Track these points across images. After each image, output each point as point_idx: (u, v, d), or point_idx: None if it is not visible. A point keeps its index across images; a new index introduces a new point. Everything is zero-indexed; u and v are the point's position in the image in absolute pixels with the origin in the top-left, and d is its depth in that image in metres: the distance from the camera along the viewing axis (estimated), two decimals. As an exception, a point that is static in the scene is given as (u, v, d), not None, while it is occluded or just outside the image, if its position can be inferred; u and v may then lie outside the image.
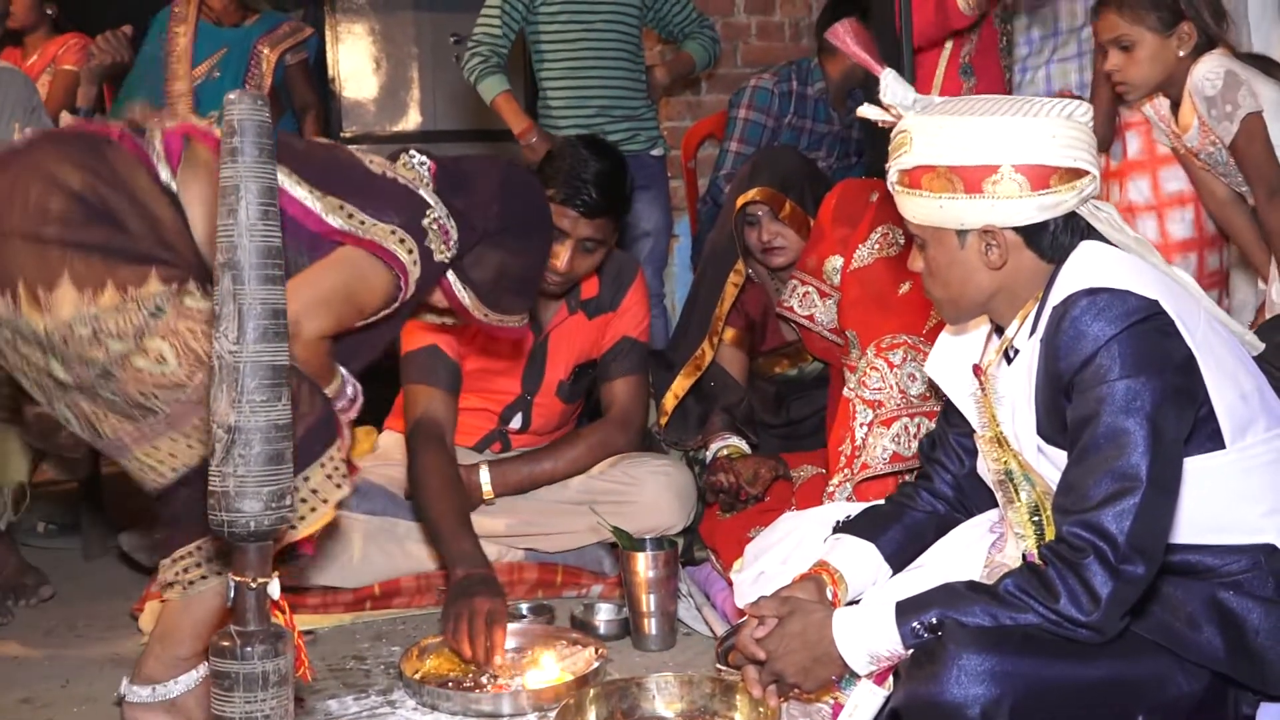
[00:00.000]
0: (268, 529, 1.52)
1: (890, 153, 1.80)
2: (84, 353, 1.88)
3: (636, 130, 3.96)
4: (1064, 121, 1.70)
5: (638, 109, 3.98)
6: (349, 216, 2.07)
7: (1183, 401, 1.64)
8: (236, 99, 1.53)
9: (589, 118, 3.88)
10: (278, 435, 1.53)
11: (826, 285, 2.82)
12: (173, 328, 1.87)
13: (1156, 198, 3.20)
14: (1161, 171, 3.19)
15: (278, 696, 1.54)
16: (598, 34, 3.87)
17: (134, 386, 1.90)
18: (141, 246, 1.93)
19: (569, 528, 2.82)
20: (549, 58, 3.90)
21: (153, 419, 1.92)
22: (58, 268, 1.88)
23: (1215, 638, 1.66)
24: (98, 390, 1.92)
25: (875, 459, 2.43)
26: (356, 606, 2.67)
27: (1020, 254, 1.74)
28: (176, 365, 1.87)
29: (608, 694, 2.02)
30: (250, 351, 1.51)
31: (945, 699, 1.58)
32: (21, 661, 2.49)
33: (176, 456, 1.93)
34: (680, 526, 2.83)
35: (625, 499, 2.80)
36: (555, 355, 2.92)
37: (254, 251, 1.51)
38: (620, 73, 3.92)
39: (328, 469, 1.96)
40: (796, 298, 2.87)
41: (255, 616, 1.54)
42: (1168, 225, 3.17)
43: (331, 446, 1.97)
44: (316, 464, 1.93)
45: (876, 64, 1.81)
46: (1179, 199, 3.17)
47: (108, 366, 1.89)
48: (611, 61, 3.91)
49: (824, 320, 2.83)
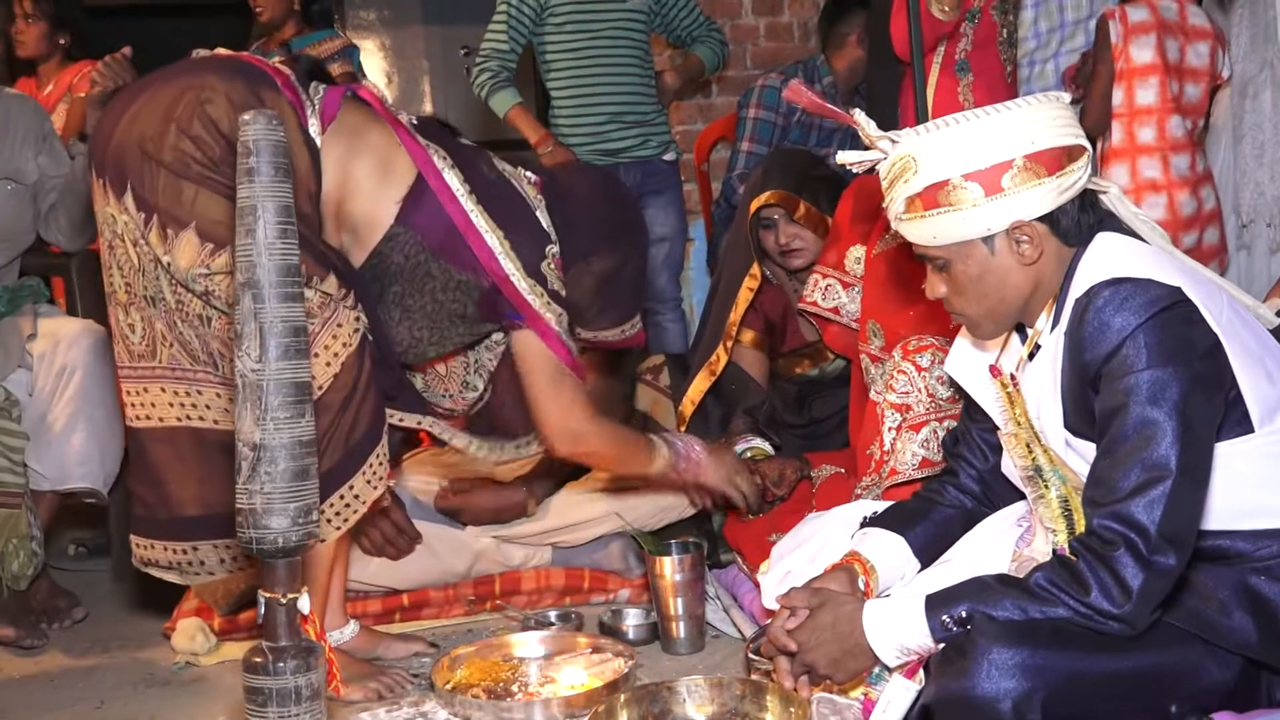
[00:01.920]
0: (295, 544, 1.53)
1: (889, 184, 1.77)
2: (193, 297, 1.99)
3: (648, 136, 3.97)
4: (1056, 104, 1.72)
5: (648, 115, 3.98)
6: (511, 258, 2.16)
7: (1210, 389, 1.63)
8: (252, 119, 1.54)
9: (600, 125, 3.89)
10: (302, 451, 1.54)
11: (850, 276, 2.81)
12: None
13: (1134, 183, 3.40)
14: (1140, 160, 3.38)
15: (311, 711, 1.55)
16: (606, 41, 3.88)
17: (219, 343, 2.00)
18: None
19: (591, 515, 2.81)
20: (557, 68, 3.90)
21: (209, 370, 2.02)
22: (189, 211, 1.97)
23: (1247, 624, 1.65)
24: (183, 323, 2.00)
25: (905, 464, 2.43)
26: (385, 618, 2.69)
27: (1049, 243, 1.74)
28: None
29: (638, 699, 2.02)
30: (273, 369, 1.52)
31: (977, 694, 1.57)
32: (57, 683, 2.51)
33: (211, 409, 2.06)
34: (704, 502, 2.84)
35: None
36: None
37: (273, 270, 1.53)
38: (629, 79, 3.93)
39: (367, 474, 2.07)
40: (819, 291, 2.86)
41: (286, 631, 1.55)
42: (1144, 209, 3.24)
43: (372, 454, 2.08)
44: (359, 473, 2.06)
45: (841, 112, 1.81)
46: (1152, 185, 3.37)
47: (209, 315, 1.99)
48: (620, 69, 3.91)
49: (850, 311, 2.82)
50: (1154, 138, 3.42)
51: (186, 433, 2.12)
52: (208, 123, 2.01)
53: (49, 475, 2.77)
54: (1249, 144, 3.56)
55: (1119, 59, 3.41)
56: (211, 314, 2.03)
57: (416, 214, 2.13)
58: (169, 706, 2.32)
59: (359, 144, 2.14)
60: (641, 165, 3.96)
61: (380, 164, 2.15)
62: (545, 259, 2.21)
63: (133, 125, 2.05)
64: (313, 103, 2.11)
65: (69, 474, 2.76)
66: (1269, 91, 3.53)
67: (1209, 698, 1.66)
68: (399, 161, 2.16)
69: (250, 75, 2.09)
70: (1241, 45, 3.56)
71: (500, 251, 2.15)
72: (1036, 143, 1.68)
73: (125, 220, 2.04)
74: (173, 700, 2.36)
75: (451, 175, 2.14)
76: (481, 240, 2.14)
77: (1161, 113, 3.41)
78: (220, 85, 2.04)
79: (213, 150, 2.00)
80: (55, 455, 2.76)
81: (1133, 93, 3.41)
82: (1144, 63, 3.39)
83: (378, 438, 2.12)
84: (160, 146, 2.00)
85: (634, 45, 3.94)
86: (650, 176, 3.99)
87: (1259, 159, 3.55)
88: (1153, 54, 3.39)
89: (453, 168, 2.15)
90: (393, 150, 2.16)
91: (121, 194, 2.03)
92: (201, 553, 2.16)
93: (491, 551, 2.80)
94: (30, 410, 2.78)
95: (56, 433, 2.75)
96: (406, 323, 2.19)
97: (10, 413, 2.74)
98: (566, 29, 3.86)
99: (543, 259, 2.21)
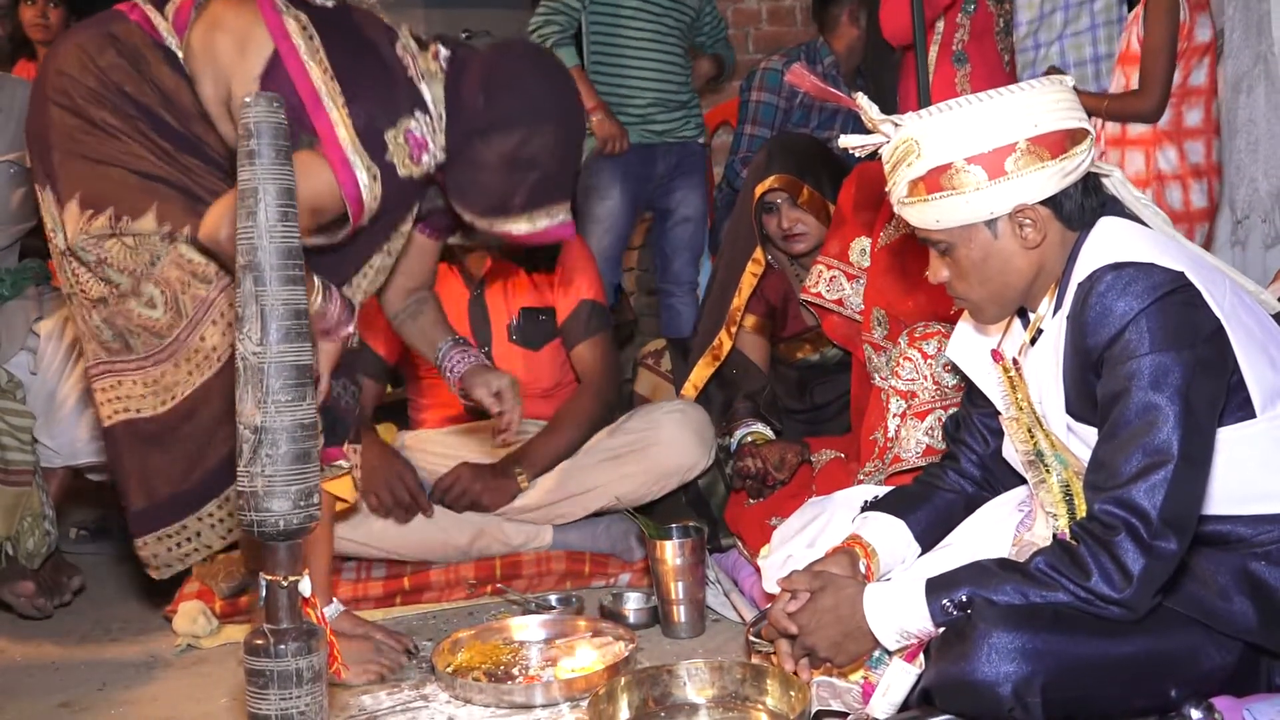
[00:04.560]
0: (297, 527, 1.53)
1: (892, 168, 1.77)
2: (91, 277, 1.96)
3: (688, 118, 4.10)
4: (1059, 87, 1.72)
5: (688, 99, 4.11)
6: (344, 118, 1.98)
7: (1213, 374, 1.63)
8: (253, 101, 1.53)
9: (644, 108, 4.00)
10: (303, 434, 1.54)
11: (854, 269, 2.81)
12: (164, 276, 1.91)
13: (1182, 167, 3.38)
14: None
15: (312, 693, 1.55)
16: (659, 23, 3.98)
17: (120, 319, 1.97)
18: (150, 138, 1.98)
19: (593, 484, 2.83)
20: (608, 44, 3.98)
21: (124, 356, 2.00)
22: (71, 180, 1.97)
23: (1247, 608, 1.65)
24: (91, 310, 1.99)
25: (908, 452, 2.43)
26: (386, 602, 2.69)
27: (1051, 226, 1.73)
28: (163, 313, 1.92)
29: (639, 682, 2.02)
30: (274, 352, 1.52)
31: (977, 677, 1.58)
32: (58, 665, 2.52)
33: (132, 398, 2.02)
34: (704, 465, 2.85)
35: (645, 444, 2.83)
36: (494, 303, 2.98)
37: (274, 253, 1.52)
38: (673, 63, 4.05)
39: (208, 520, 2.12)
40: (824, 283, 2.85)
41: (288, 614, 1.56)
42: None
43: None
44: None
45: (843, 96, 1.81)
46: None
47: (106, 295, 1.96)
48: (669, 51, 4.02)
49: (854, 304, 2.82)
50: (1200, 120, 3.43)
51: (120, 429, 2.08)
52: (68, 81, 2.02)
53: (61, 451, 2.79)
54: (1243, 139, 3.57)
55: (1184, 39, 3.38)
56: (107, 293, 1.99)
57: (273, 86, 1.98)
58: (170, 689, 2.33)
59: (215, 32, 2.04)
60: (680, 146, 4.10)
61: (237, 42, 2.02)
62: (394, 129, 2.03)
63: (30, 114, 2.09)
64: (164, 15, 2.07)
65: (80, 449, 2.78)
66: (1262, 86, 3.53)
67: (1209, 682, 1.66)
68: (256, 35, 2.02)
69: (100, 18, 2.10)
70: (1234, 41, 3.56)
71: (331, 108, 1.99)
72: (1040, 126, 1.68)
73: (43, 209, 2.05)
74: (174, 683, 2.36)
75: (300, 39, 2.01)
76: (318, 101, 1.98)
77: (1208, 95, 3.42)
78: (70, 39, 2.07)
79: (86, 109, 2.00)
80: (67, 431, 2.77)
81: (1189, 74, 3.40)
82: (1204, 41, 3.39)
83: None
84: (47, 124, 2.02)
85: (680, 33, 4.06)
86: (684, 158, 4.13)
87: (1253, 154, 3.56)
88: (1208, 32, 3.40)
89: (308, 35, 2.01)
90: (250, 26, 2.03)
91: (36, 183, 2.07)
92: (151, 546, 2.14)
93: (493, 528, 2.81)
94: (39, 388, 2.79)
95: (68, 410, 2.77)
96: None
97: (14, 394, 2.75)
98: (626, 6, 3.94)
99: (390, 128, 2.03)
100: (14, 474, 2.72)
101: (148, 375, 2.01)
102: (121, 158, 1.99)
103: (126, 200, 1.96)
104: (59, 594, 2.83)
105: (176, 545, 2.15)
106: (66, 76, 2.04)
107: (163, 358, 1.99)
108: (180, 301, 1.97)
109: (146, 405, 2.03)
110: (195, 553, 2.16)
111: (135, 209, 1.96)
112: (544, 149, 2.11)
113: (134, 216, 1.95)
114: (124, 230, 1.95)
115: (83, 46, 2.04)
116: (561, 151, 2.14)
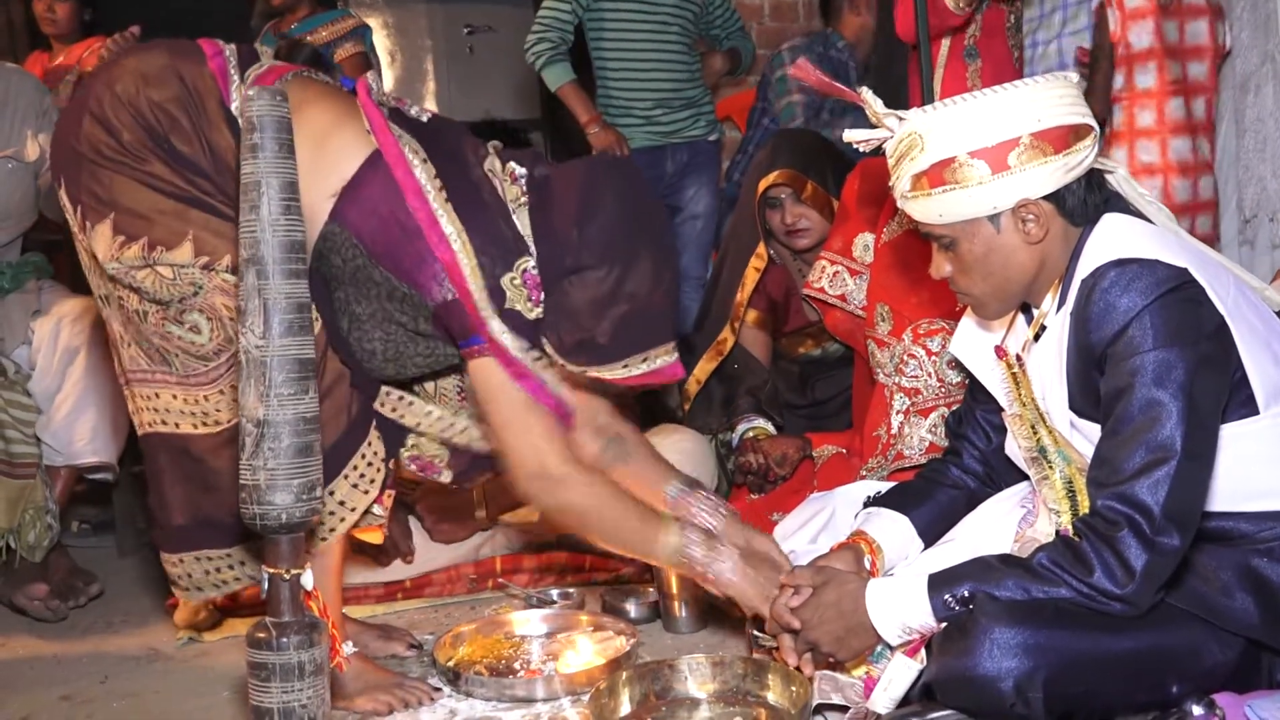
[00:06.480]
0: (299, 520, 1.53)
1: (896, 162, 1.76)
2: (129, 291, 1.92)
3: (697, 116, 4.06)
4: (1064, 83, 1.71)
5: (696, 96, 4.07)
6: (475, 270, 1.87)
7: (1216, 370, 1.63)
8: (256, 95, 1.53)
9: (649, 110, 3.96)
10: (306, 428, 1.54)
11: (858, 264, 2.81)
12: (210, 303, 1.88)
13: (1131, 167, 3.39)
14: (1139, 143, 3.40)
15: (314, 686, 1.55)
16: (658, 25, 3.93)
17: (158, 338, 1.92)
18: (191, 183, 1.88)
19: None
20: (610, 48, 3.94)
21: (165, 370, 1.95)
22: (107, 202, 1.89)
23: (1249, 605, 1.65)
24: (131, 321, 1.95)
25: (912, 449, 2.43)
26: (388, 598, 2.69)
27: (1054, 222, 1.73)
28: (209, 338, 1.90)
29: (640, 676, 2.03)
30: (277, 346, 1.52)
31: (979, 672, 1.58)
32: (60, 659, 2.52)
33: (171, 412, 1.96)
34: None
35: None
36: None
37: (277, 246, 1.52)
38: (680, 61, 4.01)
39: (352, 479, 1.99)
40: (827, 278, 2.85)
41: (290, 607, 1.56)
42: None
43: (354, 456, 1.99)
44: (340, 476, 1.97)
45: (849, 90, 1.80)
46: (1148, 169, 3.38)
47: (144, 309, 1.92)
48: (672, 50, 3.99)
49: (857, 300, 2.82)
50: (1153, 121, 3.42)
51: (157, 439, 2.00)
52: (116, 104, 1.90)
53: (62, 451, 2.79)
54: (1251, 138, 3.57)
55: (1119, 45, 3.41)
56: (147, 308, 1.92)
57: (354, 211, 1.87)
58: (173, 682, 2.33)
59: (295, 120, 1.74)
60: (690, 145, 4.06)
61: (315, 145, 1.87)
62: (511, 273, 1.90)
63: (63, 119, 2.00)
64: (244, 78, 1.93)
65: (80, 450, 2.78)
66: (1270, 85, 3.53)
67: (1210, 678, 1.66)
68: (339, 141, 1.90)
69: (176, 49, 1.96)
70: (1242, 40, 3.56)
71: (465, 264, 1.86)
72: (1043, 121, 1.67)
73: (67, 216, 1.97)
74: (176, 676, 2.37)
75: (421, 171, 1.88)
76: (449, 248, 1.86)
77: (1160, 96, 3.41)
78: (132, 63, 1.94)
79: (121, 134, 1.89)
80: (67, 433, 2.78)
81: (1132, 77, 3.42)
82: (1142, 48, 3.40)
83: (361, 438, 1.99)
84: (78, 136, 1.91)
85: (685, 30, 4.02)
86: (695, 156, 4.09)
87: (1261, 153, 3.56)
88: (1151, 38, 3.40)
89: (424, 162, 1.89)
90: (334, 129, 1.91)
91: (60, 188, 1.96)
92: (186, 565, 2.03)
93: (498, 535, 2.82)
94: (38, 388, 2.80)
95: (66, 412, 2.78)
96: (356, 332, 1.94)
97: (20, 385, 2.76)
98: (624, 9, 3.90)
99: (508, 272, 1.90)
100: (18, 466, 2.72)
101: (189, 394, 1.93)
102: (151, 181, 1.90)
103: (160, 227, 1.86)
104: (74, 597, 2.83)
105: (215, 570, 2.03)
106: (112, 100, 1.90)
107: (204, 381, 1.92)
108: (229, 327, 1.88)
109: (185, 423, 1.95)
110: (236, 581, 2.05)
111: (170, 239, 1.86)
112: (641, 287, 1.92)
113: (169, 246, 1.86)
114: (159, 260, 1.86)
115: (145, 76, 1.91)
116: (662, 288, 1.95)
